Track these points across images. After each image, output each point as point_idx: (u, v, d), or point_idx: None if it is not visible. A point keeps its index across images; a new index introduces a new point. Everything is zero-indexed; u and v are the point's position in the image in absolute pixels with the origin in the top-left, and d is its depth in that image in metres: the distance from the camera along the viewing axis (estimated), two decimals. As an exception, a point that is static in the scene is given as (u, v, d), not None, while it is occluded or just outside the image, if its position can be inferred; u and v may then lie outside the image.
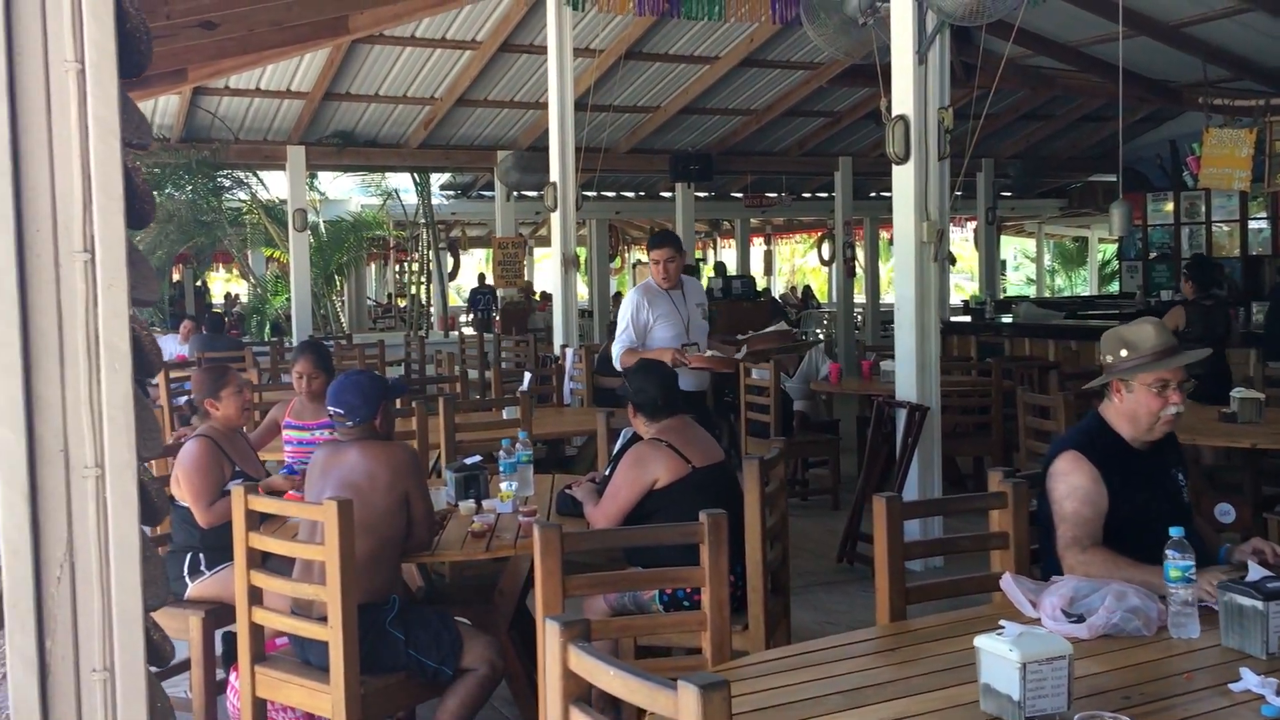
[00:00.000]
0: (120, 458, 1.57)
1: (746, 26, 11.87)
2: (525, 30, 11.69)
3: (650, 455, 3.95)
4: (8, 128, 1.51)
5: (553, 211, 10.16)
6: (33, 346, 1.53)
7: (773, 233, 28.32)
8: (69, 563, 1.55)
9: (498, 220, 15.51)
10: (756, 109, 14.81)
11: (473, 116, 14.02)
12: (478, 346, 12.81)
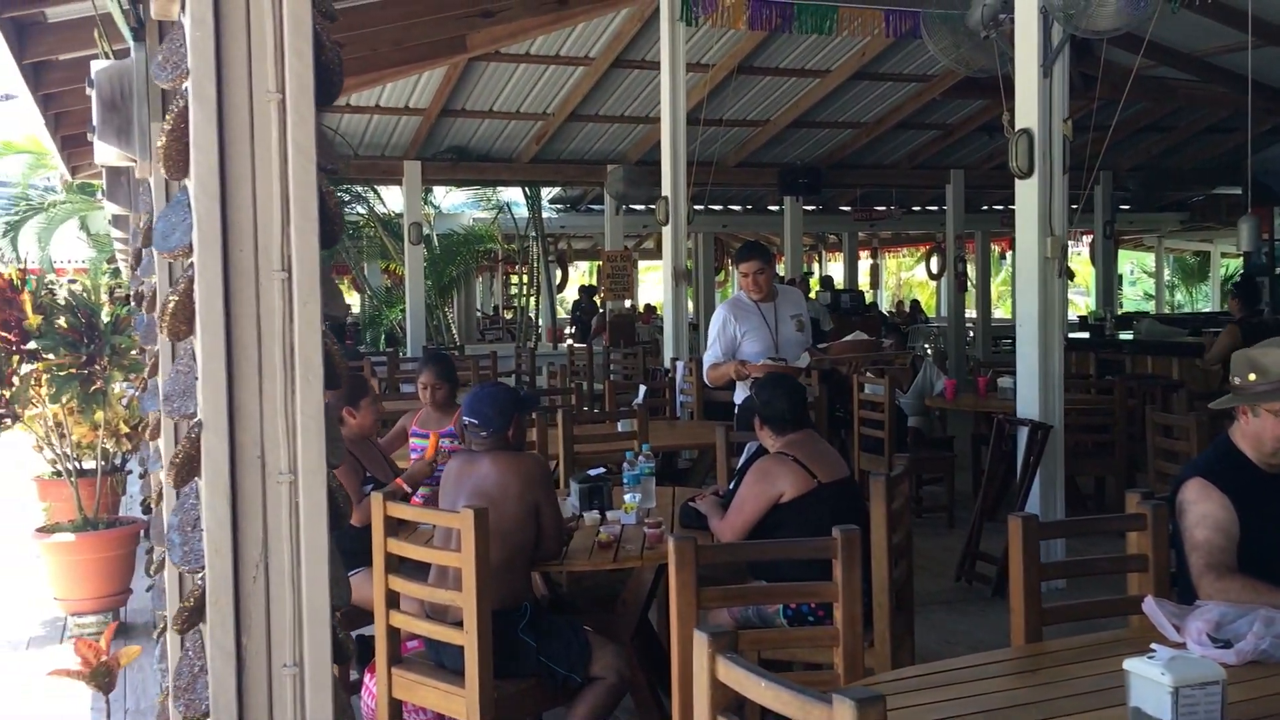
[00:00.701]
0: (311, 464, 1.66)
1: (859, 40, 11.80)
2: (637, 46, 11.81)
3: (776, 469, 3.97)
4: (217, 155, 1.61)
5: (664, 225, 10.23)
6: (235, 359, 1.63)
7: (879, 246, 28.02)
8: (264, 562, 1.65)
9: (606, 233, 15.66)
10: (867, 122, 14.71)
11: (584, 131, 14.21)
12: (586, 358, 12.94)
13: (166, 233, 1.66)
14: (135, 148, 3.77)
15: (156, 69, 1.67)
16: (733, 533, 3.93)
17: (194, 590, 1.64)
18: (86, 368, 5.71)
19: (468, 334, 20.34)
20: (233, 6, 1.61)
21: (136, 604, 6.07)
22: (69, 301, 5.95)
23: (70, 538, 5.67)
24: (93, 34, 6.83)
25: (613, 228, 15.51)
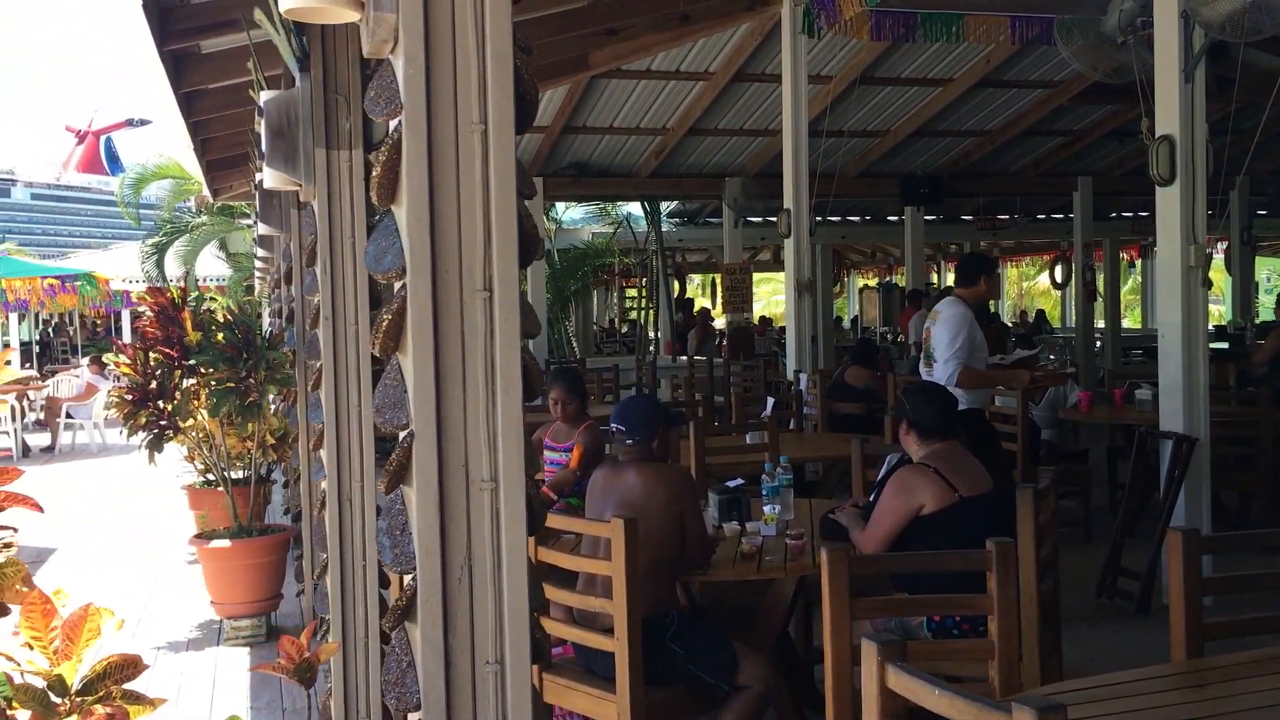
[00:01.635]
0: (512, 473, 1.76)
1: (983, 47, 11.65)
2: (758, 59, 11.85)
3: (917, 482, 3.96)
4: (426, 182, 1.72)
5: (786, 238, 10.24)
6: (441, 374, 1.74)
7: (1000, 255, 27.46)
8: (468, 565, 1.75)
9: (725, 246, 15.71)
10: (990, 130, 14.49)
11: (702, 145, 14.29)
12: (706, 371, 12.99)
13: (379, 255, 1.78)
14: (300, 172, 3.96)
15: (369, 104, 1.79)
16: (874, 544, 3.94)
17: (406, 590, 1.75)
18: (243, 382, 5.99)
19: (586, 347, 20.60)
20: (441, 45, 1.72)
21: (286, 608, 6.33)
22: (227, 318, 6.24)
23: (226, 544, 5.94)
24: (237, 65, 7.18)
25: (731, 240, 15.55)
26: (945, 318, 6.07)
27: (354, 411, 4.02)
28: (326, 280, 3.98)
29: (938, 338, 6.01)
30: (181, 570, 7.72)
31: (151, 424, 6.11)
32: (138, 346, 6.25)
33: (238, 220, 16.79)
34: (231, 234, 17.32)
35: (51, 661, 1.81)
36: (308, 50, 3.99)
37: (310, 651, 2.14)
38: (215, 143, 9.75)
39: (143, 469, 12.33)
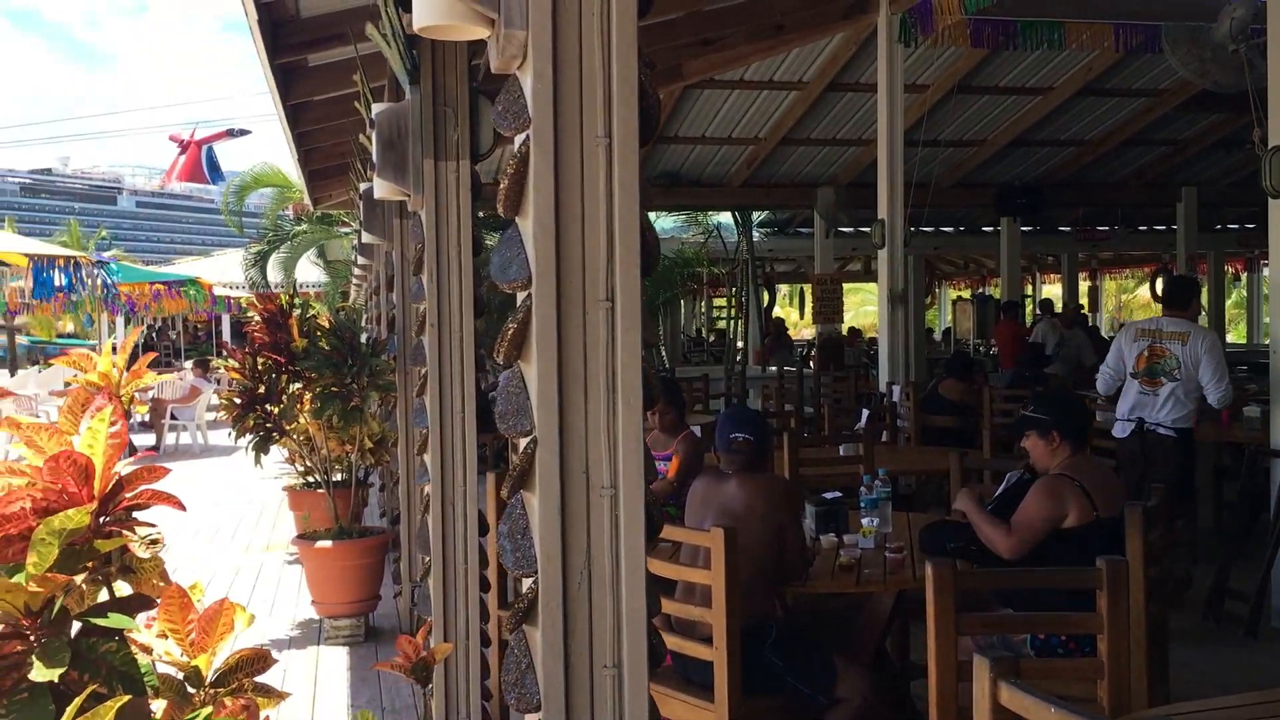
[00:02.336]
0: (631, 480, 1.79)
1: (1085, 55, 11.44)
2: (853, 69, 11.79)
3: (1066, 490, 3.85)
4: (553, 195, 1.76)
5: (879, 248, 10.16)
6: (564, 381, 1.78)
7: (1098, 267, 26.88)
8: (587, 570, 1.78)
9: (816, 256, 15.63)
10: (1091, 139, 14.20)
11: (795, 155, 14.25)
12: (796, 381, 12.93)
13: (504, 266, 1.83)
14: (409, 182, 4.06)
15: (497, 118, 1.84)
16: (1019, 545, 3.84)
17: (527, 593, 1.79)
18: (346, 387, 6.13)
19: (674, 356, 20.63)
20: (568, 60, 1.76)
21: (383, 609, 6.45)
22: (332, 325, 6.40)
23: (328, 545, 6.08)
24: (342, 77, 7.36)
25: (822, 250, 15.47)
26: (1211, 343, 6.44)
27: (457, 417, 4.10)
28: (433, 288, 4.06)
29: (1211, 363, 6.33)
30: (282, 569, 7.92)
31: (259, 426, 6.29)
32: (246, 351, 6.43)
33: (336, 228, 17.19)
34: (330, 241, 17.75)
35: (188, 653, 1.88)
36: (418, 64, 4.09)
37: (425, 651, 2.19)
38: (318, 152, 10.00)
39: (243, 470, 12.66)
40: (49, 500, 1.67)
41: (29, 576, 1.59)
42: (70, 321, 40.22)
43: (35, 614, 1.60)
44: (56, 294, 8.82)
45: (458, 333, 4.08)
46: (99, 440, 1.74)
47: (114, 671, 1.61)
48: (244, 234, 22.36)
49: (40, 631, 1.60)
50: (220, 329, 29.56)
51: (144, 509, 1.80)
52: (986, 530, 3.96)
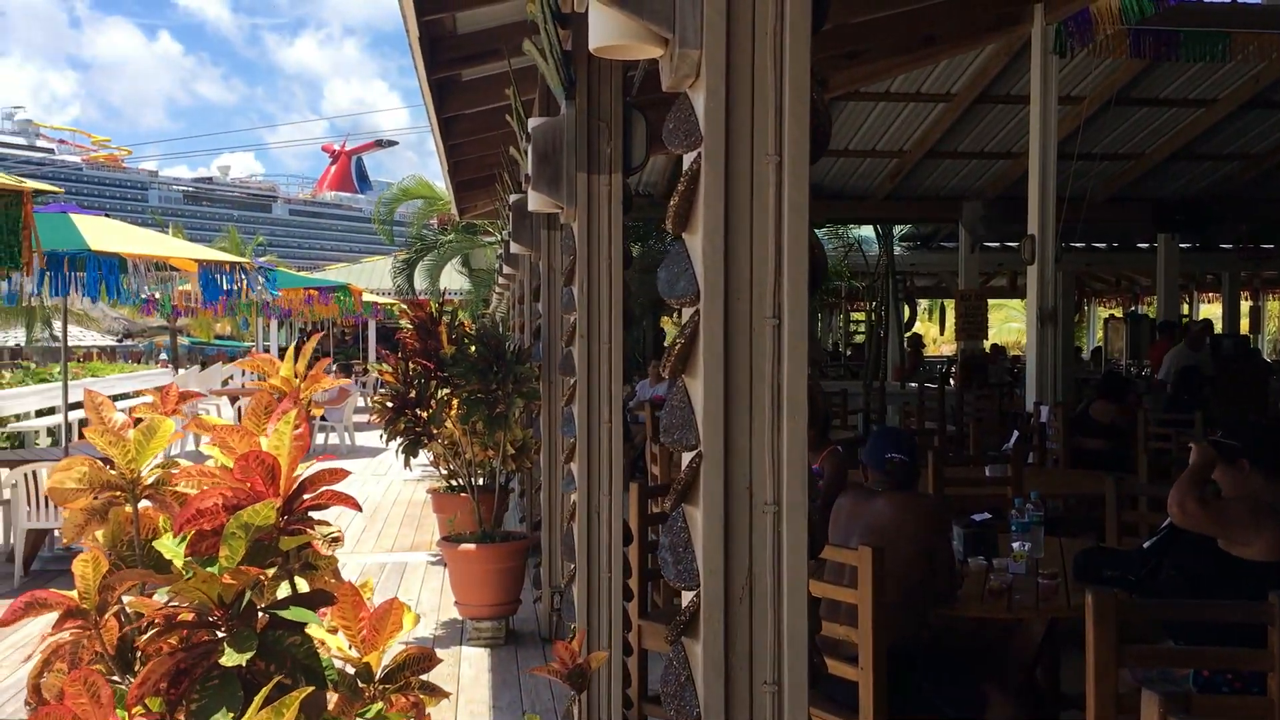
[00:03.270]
0: (795, 497, 1.78)
1: (1252, 66, 10.93)
2: (1003, 80, 11.52)
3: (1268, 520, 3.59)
4: (723, 213, 1.78)
5: (1029, 264, 9.89)
6: (730, 398, 1.79)
7: (1261, 287, 25.61)
8: (749, 586, 1.79)
9: (960, 271, 15.30)
10: (1257, 153, 13.56)
11: (940, 168, 13.99)
12: (938, 399, 12.66)
13: (671, 281, 1.85)
14: (564, 195, 4.13)
15: (669, 136, 1.86)
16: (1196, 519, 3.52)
17: (689, 606, 1.80)
18: (492, 394, 6.26)
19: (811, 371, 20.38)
20: (741, 78, 1.78)
21: (523, 613, 6.56)
22: (479, 332, 6.56)
23: (472, 547, 6.22)
24: (493, 91, 7.54)
25: (967, 265, 15.13)
26: None
27: (605, 427, 4.15)
28: (584, 299, 4.13)
29: None
30: (426, 569, 8.13)
31: (409, 430, 6.48)
32: (399, 357, 6.63)
33: (480, 237, 17.59)
34: (474, 250, 18.17)
35: (359, 650, 1.95)
36: (574, 79, 4.16)
37: (582, 658, 2.22)
38: (466, 164, 10.26)
39: (388, 470, 13.02)
40: (239, 498, 1.75)
41: (222, 569, 1.68)
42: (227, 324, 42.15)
43: (226, 605, 1.69)
44: (221, 298, 9.23)
45: (607, 343, 4.13)
46: (284, 442, 1.82)
47: (297, 664, 1.68)
48: (393, 243, 23.06)
49: (230, 623, 1.69)
50: (366, 333, 30.55)
51: (323, 509, 1.88)
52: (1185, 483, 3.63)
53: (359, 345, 31.28)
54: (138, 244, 8.51)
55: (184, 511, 1.74)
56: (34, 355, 29.82)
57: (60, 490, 1.90)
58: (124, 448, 1.94)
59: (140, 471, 1.96)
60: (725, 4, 1.76)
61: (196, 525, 1.74)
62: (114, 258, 7.85)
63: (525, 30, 5.41)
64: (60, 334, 29.02)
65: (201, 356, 37.85)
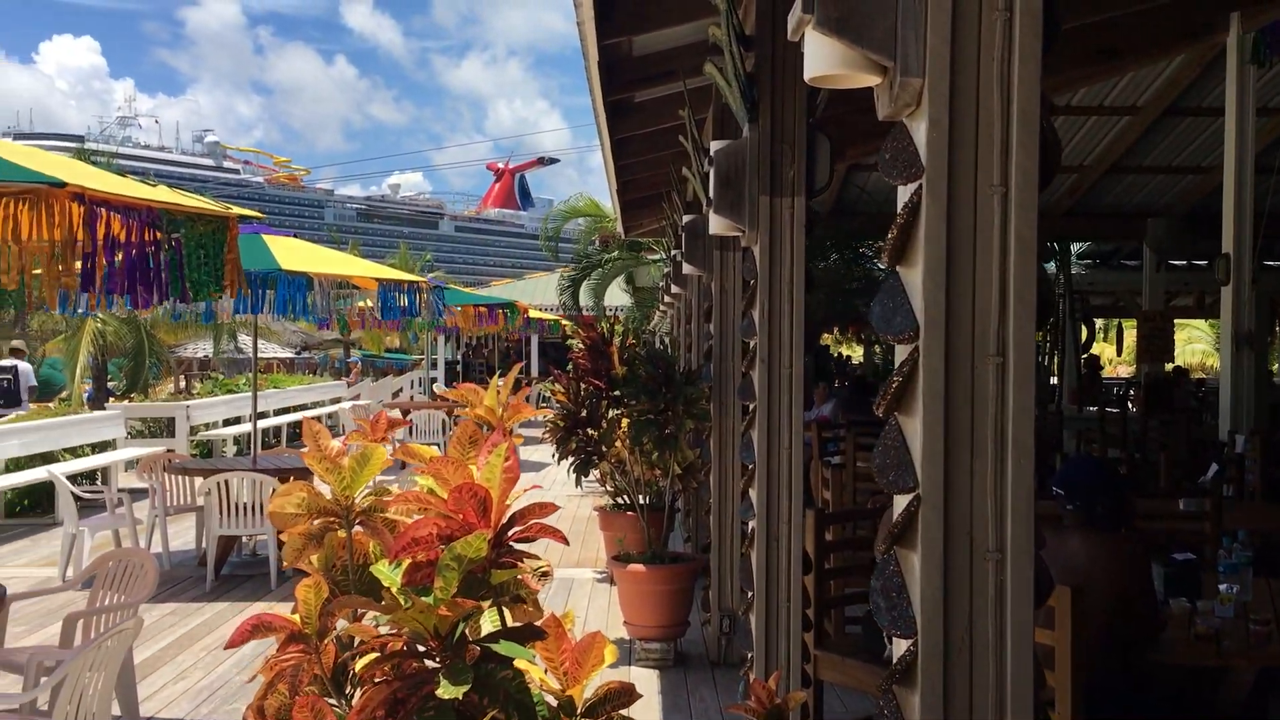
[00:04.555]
0: (1020, 544, 1.70)
1: None
2: (1194, 92, 10.97)
3: None
4: (944, 246, 1.71)
5: (1223, 284, 9.35)
6: (950, 438, 1.72)
7: None
8: (969, 636, 1.71)
9: (1145, 290, 14.62)
10: None
11: (1123, 183, 13.42)
12: (1119, 424, 12.10)
13: (887, 317, 1.79)
14: (745, 219, 4.10)
15: (885, 167, 1.81)
16: None
17: (905, 655, 1.73)
18: (661, 414, 6.27)
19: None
20: (965, 107, 1.71)
21: (691, 635, 6.52)
22: (649, 353, 6.57)
23: (641, 568, 6.23)
24: (665, 111, 7.57)
25: (1151, 285, 14.44)
26: None
27: (784, 453, 4.09)
28: (764, 324, 4.08)
29: None
30: (593, 586, 8.18)
31: (580, 449, 6.54)
32: (571, 377, 6.70)
33: (644, 255, 17.73)
34: (638, 268, 18.32)
35: (561, 683, 1.95)
36: (757, 101, 4.13)
37: (780, 698, 2.18)
38: (634, 184, 10.35)
39: (550, 484, 13.20)
40: (452, 529, 1.78)
41: (437, 600, 1.70)
42: (396, 338, 43.69)
43: (441, 636, 1.71)
44: (399, 315, 9.53)
45: (788, 368, 4.08)
46: (495, 474, 1.84)
47: (510, 698, 1.69)
48: (558, 259, 23.47)
49: (444, 654, 1.71)
50: (529, 348, 31.16)
51: (530, 541, 1.89)
52: None
53: (522, 359, 31.92)
54: (323, 264, 8.86)
55: (399, 540, 1.77)
56: (220, 367, 31.47)
57: (280, 515, 1.96)
58: (339, 474, 1.99)
59: (354, 498, 2.01)
60: (950, 30, 1.69)
61: (411, 554, 1.76)
62: (302, 276, 8.19)
63: (701, 52, 5.41)
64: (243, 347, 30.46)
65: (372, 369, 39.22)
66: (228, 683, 5.79)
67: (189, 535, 9.49)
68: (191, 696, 5.60)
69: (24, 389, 15.03)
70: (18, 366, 15.19)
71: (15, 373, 14.93)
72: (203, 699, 5.56)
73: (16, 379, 14.86)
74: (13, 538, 10.03)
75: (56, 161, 4.45)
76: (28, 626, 6.72)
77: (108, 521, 8.51)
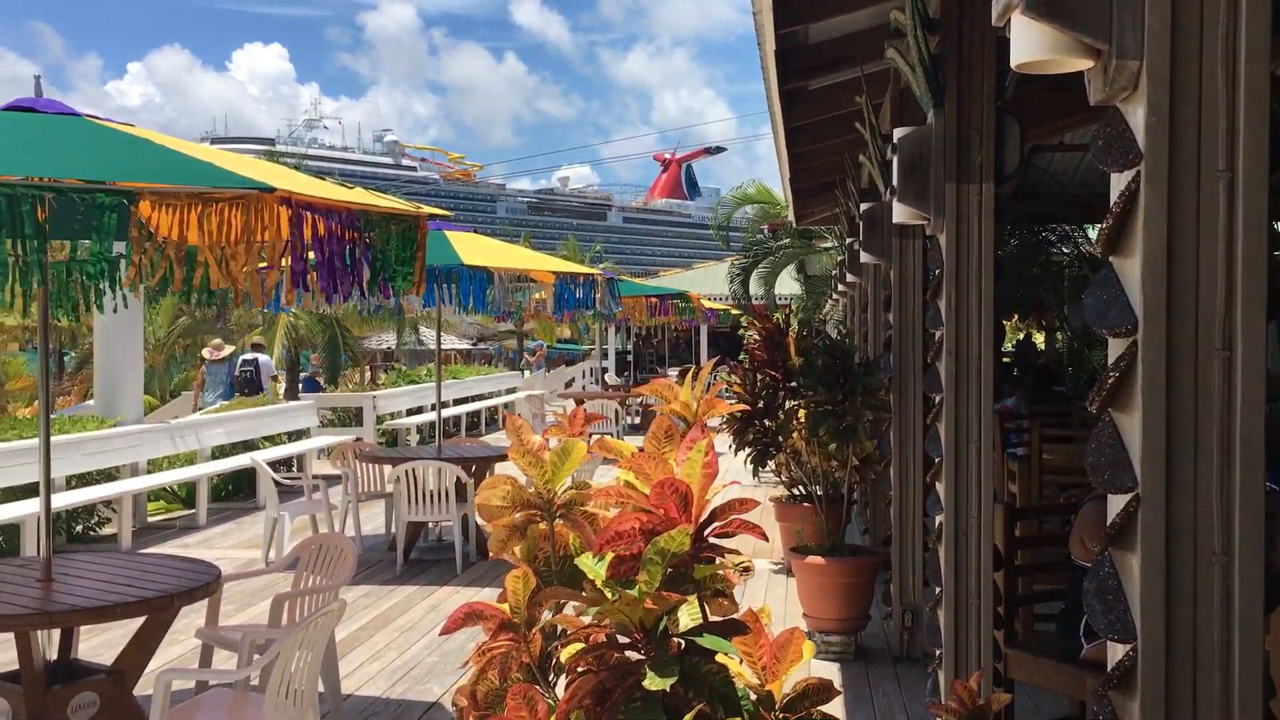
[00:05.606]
0: (1249, 547, 1.62)
1: None
2: None
3: None
4: (1165, 236, 1.64)
5: None
6: (1172, 437, 1.64)
7: None
8: (1193, 644, 1.63)
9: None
10: None
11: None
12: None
13: (1100, 310, 1.72)
14: (931, 207, 4.01)
15: (1098, 154, 1.74)
16: None
17: (1123, 660, 1.67)
18: (839, 405, 6.20)
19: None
20: (1186, 89, 1.63)
21: (872, 630, 6.43)
22: (826, 344, 6.51)
23: (821, 560, 6.18)
24: (840, 98, 7.46)
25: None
26: None
27: (973, 447, 3.99)
28: (951, 314, 3.99)
29: None
30: (769, 577, 8.17)
31: (757, 440, 6.53)
32: (747, 369, 6.70)
33: (815, 243, 17.56)
34: (809, 256, 18.15)
35: (759, 678, 1.96)
36: (943, 85, 4.03)
37: (983, 698, 2.13)
38: (806, 172, 10.25)
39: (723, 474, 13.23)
40: (654, 523, 1.80)
41: (642, 593, 1.73)
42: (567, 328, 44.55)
43: (645, 629, 1.74)
44: (573, 308, 9.70)
45: (976, 360, 3.98)
46: (695, 470, 1.85)
47: (715, 692, 1.71)
48: (729, 248, 23.50)
49: (648, 646, 1.74)
50: (698, 338, 31.26)
51: (730, 537, 1.90)
52: None
53: (691, 349, 32.07)
54: (503, 258, 9.09)
55: (603, 533, 1.81)
56: (402, 358, 32.73)
57: (487, 507, 2.03)
58: (541, 469, 2.05)
59: (556, 491, 2.07)
60: (1170, 10, 1.62)
61: (614, 547, 1.80)
62: (483, 271, 8.42)
63: (879, 37, 5.31)
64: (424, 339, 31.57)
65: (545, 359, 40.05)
66: (420, 664, 6.03)
67: (378, 520, 9.91)
68: (387, 676, 5.85)
69: (265, 379, 16.99)
70: (259, 359, 17.12)
71: (257, 365, 16.86)
72: (397, 678, 5.81)
73: (258, 371, 16.82)
74: (219, 521, 10.67)
75: (263, 167, 4.70)
76: (235, 605, 7.14)
77: (305, 507, 8.96)
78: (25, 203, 3.49)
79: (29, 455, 8.73)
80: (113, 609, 4.20)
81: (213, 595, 4.69)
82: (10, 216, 3.44)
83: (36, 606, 4.18)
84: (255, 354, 17.46)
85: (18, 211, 3.45)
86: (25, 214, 3.49)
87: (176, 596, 4.33)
